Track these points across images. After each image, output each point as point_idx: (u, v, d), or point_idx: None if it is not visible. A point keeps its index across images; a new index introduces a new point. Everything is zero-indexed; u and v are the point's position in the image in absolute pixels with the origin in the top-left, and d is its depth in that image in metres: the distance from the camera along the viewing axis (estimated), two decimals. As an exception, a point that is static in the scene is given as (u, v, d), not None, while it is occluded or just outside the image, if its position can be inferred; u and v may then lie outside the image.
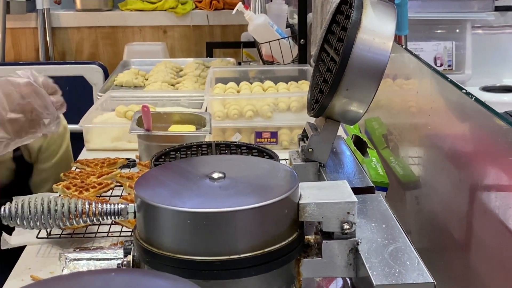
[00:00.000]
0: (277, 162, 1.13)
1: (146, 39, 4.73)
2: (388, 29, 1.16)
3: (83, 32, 4.73)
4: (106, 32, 4.74)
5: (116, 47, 4.73)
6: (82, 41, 4.74)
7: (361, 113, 1.20)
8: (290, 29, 3.29)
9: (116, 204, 0.97)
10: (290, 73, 2.83)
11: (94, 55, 4.74)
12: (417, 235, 1.45)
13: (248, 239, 0.90)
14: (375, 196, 1.13)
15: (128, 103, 2.60)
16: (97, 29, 4.73)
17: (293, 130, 2.33)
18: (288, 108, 2.35)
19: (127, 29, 4.74)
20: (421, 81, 1.43)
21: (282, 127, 2.31)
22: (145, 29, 4.74)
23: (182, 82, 3.12)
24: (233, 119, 2.29)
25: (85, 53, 4.74)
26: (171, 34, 4.75)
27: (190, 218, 0.87)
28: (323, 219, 0.95)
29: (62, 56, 4.72)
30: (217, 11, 4.72)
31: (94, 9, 4.74)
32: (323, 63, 1.35)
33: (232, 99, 2.37)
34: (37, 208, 0.94)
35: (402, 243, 0.97)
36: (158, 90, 2.94)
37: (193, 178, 0.98)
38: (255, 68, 3.01)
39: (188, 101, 2.68)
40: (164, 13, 4.71)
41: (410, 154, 1.53)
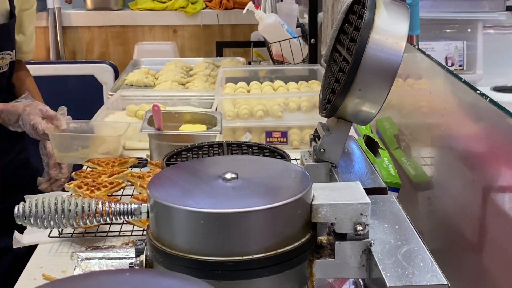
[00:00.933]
0: (289, 162, 1.13)
1: (156, 38, 4.73)
2: (401, 29, 1.16)
3: (93, 31, 4.74)
4: (116, 32, 4.75)
5: (126, 46, 4.73)
6: (93, 40, 4.75)
7: (374, 113, 1.20)
8: (300, 28, 3.28)
9: (129, 204, 0.97)
10: (300, 72, 2.83)
11: (104, 54, 4.74)
12: (430, 236, 1.44)
13: (261, 239, 0.90)
14: (387, 197, 1.13)
15: (139, 102, 2.61)
16: (107, 29, 4.74)
17: (303, 130, 2.32)
18: (299, 107, 2.35)
19: (137, 28, 4.75)
20: (434, 81, 1.42)
21: (292, 127, 2.31)
22: (155, 28, 4.75)
23: (192, 81, 3.12)
24: (243, 118, 2.29)
25: (96, 52, 4.75)
26: (181, 34, 4.76)
27: (204, 218, 0.87)
28: (336, 220, 0.95)
29: (72, 55, 4.73)
30: (227, 11, 4.72)
31: (104, 8, 4.75)
32: (335, 63, 1.34)
33: (243, 98, 2.37)
34: (51, 207, 0.94)
35: (416, 244, 0.96)
36: (168, 90, 2.94)
37: (206, 179, 0.98)
38: (265, 67, 3.01)
39: (198, 100, 2.68)
40: (174, 12, 4.72)
41: (422, 155, 1.52)
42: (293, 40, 2.97)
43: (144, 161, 2.08)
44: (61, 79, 4.07)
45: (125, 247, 1.51)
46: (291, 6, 3.32)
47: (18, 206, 0.94)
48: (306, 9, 3.08)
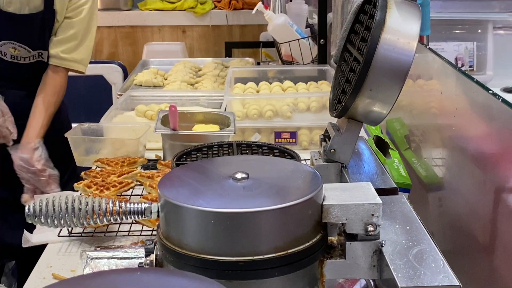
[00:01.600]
0: (300, 163, 1.13)
1: (165, 39, 4.74)
2: (413, 29, 1.15)
3: (102, 32, 4.75)
4: (125, 32, 4.76)
5: (135, 46, 4.74)
6: (102, 41, 4.75)
7: (385, 113, 1.19)
8: (309, 29, 3.28)
9: (140, 204, 0.97)
10: (310, 73, 2.82)
11: (113, 55, 4.75)
12: (440, 237, 1.43)
13: (271, 240, 0.89)
14: (398, 197, 1.12)
15: (148, 102, 2.61)
16: (116, 29, 4.75)
17: (312, 131, 2.32)
18: (308, 108, 2.34)
19: (146, 28, 4.76)
20: (446, 82, 1.41)
21: (301, 127, 2.31)
22: (164, 28, 4.75)
23: (201, 81, 3.12)
24: (252, 119, 2.29)
25: (105, 52, 4.76)
26: (190, 34, 4.76)
27: (214, 218, 0.87)
28: (347, 220, 0.94)
29: (82, 56, 4.74)
30: (236, 11, 4.72)
31: (114, 9, 4.76)
32: (346, 63, 1.34)
33: (252, 99, 2.37)
34: (61, 206, 0.94)
35: (427, 245, 0.96)
36: (177, 90, 2.94)
37: (216, 178, 0.98)
38: (275, 68, 3.01)
39: (207, 100, 2.68)
40: (183, 13, 4.72)
41: (433, 155, 1.52)
42: (303, 40, 2.96)
43: (154, 162, 2.08)
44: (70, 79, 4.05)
45: (135, 246, 1.51)
46: (301, 6, 3.32)
47: (29, 205, 0.94)
48: (316, 10, 3.08)
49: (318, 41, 2.88)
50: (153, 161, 2.11)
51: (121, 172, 1.87)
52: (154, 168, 2.02)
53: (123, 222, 1.61)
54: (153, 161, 2.09)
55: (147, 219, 1.51)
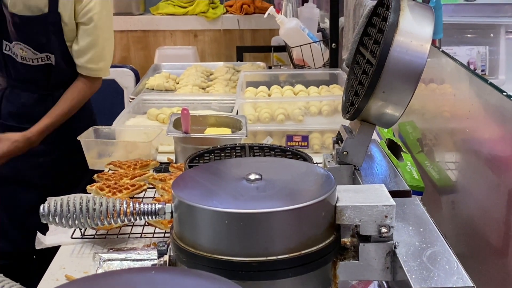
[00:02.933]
0: (313, 164, 1.13)
1: (177, 43, 4.75)
2: (426, 31, 1.15)
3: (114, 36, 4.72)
4: (137, 36, 4.77)
5: (147, 51, 4.75)
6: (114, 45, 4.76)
7: (397, 116, 1.19)
8: (321, 33, 3.28)
9: (154, 204, 0.97)
10: (321, 77, 2.82)
11: (125, 59, 4.76)
12: (453, 240, 1.43)
13: (285, 240, 0.89)
14: (411, 199, 1.12)
15: (160, 106, 2.62)
16: (128, 33, 4.77)
17: (324, 134, 2.32)
18: (320, 112, 2.34)
19: (158, 33, 4.77)
20: (459, 84, 1.41)
21: (313, 131, 2.31)
22: (176, 33, 4.77)
23: (212, 85, 3.13)
24: (264, 122, 2.29)
25: (117, 56, 4.77)
26: (201, 38, 4.77)
27: (228, 218, 0.87)
28: (361, 222, 0.94)
29: (94, 60, 4.75)
30: (247, 16, 4.73)
31: (126, 13, 4.77)
32: (358, 65, 1.34)
33: (264, 102, 2.37)
34: (76, 206, 0.94)
35: (441, 246, 0.96)
36: (189, 94, 2.95)
37: (229, 179, 0.98)
38: (286, 72, 3.01)
39: (219, 104, 2.68)
40: (195, 17, 4.73)
41: (446, 158, 1.51)
42: (314, 44, 2.96)
43: (166, 164, 2.09)
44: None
45: (147, 249, 1.51)
46: (312, 10, 3.32)
47: (43, 205, 0.94)
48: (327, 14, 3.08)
49: (329, 45, 2.88)
50: (165, 164, 2.11)
51: (133, 175, 1.87)
52: (166, 171, 2.02)
53: (136, 224, 1.62)
54: (165, 164, 2.10)
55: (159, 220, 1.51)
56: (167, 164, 2.09)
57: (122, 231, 1.60)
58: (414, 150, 1.70)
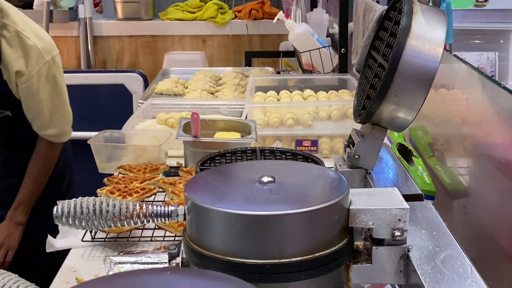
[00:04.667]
0: (325, 167, 1.13)
1: (186, 48, 4.76)
2: (439, 35, 1.15)
3: (124, 41, 4.78)
4: (146, 41, 4.79)
5: (156, 56, 4.77)
6: (123, 50, 4.79)
7: (410, 120, 1.19)
8: (330, 38, 3.28)
9: (166, 206, 0.97)
10: (330, 82, 2.83)
11: (134, 64, 4.78)
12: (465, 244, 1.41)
13: (298, 243, 0.89)
14: (424, 203, 1.12)
15: (169, 110, 2.62)
16: (137, 38, 4.78)
17: (333, 139, 2.31)
18: (329, 116, 2.34)
19: (167, 38, 4.78)
20: (472, 88, 1.41)
21: (322, 135, 2.31)
22: (184, 38, 4.78)
23: (221, 90, 3.13)
24: (273, 127, 2.29)
25: (126, 61, 4.79)
26: (210, 44, 4.78)
27: (241, 220, 0.87)
28: (374, 225, 0.94)
29: (103, 65, 4.78)
30: (256, 21, 4.73)
31: (135, 18, 4.79)
32: (370, 69, 1.34)
33: (273, 107, 2.37)
34: (89, 208, 0.95)
35: (454, 250, 0.95)
36: (198, 98, 2.95)
37: (242, 182, 0.98)
38: (295, 77, 3.01)
39: (227, 109, 2.69)
40: (203, 22, 4.74)
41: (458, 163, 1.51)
42: (323, 49, 2.97)
43: (176, 169, 2.09)
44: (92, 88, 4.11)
45: (157, 252, 1.52)
46: (322, 15, 3.33)
47: (56, 207, 0.94)
48: (336, 19, 3.08)
49: (339, 50, 2.88)
50: (175, 168, 2.11)
51: (143, 179, 1.88)
52: (176, 175, 2.02)
53: (146, 227, 1.62)
54: (175, 168, 2.10)
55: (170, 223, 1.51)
56: (176, 168, 2.09)
57: (133, 234, 1.60)
58: (425, 155, 1.69)
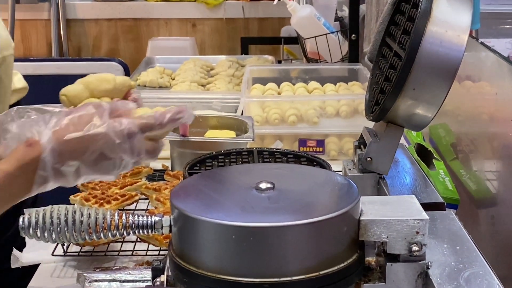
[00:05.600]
0: (332, 172, 1.13)
1: (173, 34, 4.76)
2: (463, 20, 1.15)
3: (101, 25, 4.79)
4: (127, 25, 4.79)
5: (138, 42, 4.77)
6: (100, 35, 4.79)
7: (430, 117, 1.19)
8: (339, 22, 3.28)
9: (149, 216, 0.97)
10: (339, 73, 2.83)
11: (113, 51, 4.78)
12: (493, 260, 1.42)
13: (301, 259, 0.89)
14: (446, 213, 1.13)
15: (153, 105, 2.61)
16: (117, 22, 4.78)
17: (342, 139, 2.32)
18: (337, 113, 2.34)
19: (151, 22, 4.78)
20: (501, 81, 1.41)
21: (329, 134, 2.31)
22: (171, 22, 4.78)
23: (213, 82, 3.14)
24: (273, 124, 2.29)
25: (104, 48, 4.79)
26: (201, 28, 4.78)
27: (236, 233, 0.87)
28: (388, 239, 0.94)
29: (77, 52, 4.78)
30: (253, 2, 4.73)
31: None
32: (385, 59, 1.34)
33: (273, 101, 2.37)
34: (60, 218, 0.94)
35: (480, 267, 0.96)
36: (186, 91, 2.95)
37: (237, 188, 0.98)
38: (298, 67, 3.02)
39: (221, 103, 2.68)
40: (193, 4, 4.74)
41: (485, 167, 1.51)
42: (331, 35, 2.97)
43: (161, 172, 2.09)
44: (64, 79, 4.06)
45: (139, 268, 1.51)
46: (329, -3, 3.33)
47: (23, 217, 0.94)
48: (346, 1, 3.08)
49: (348, 36, 2.88)
50: (160, 171, 2.11)
51: (123, 184, 1.87)
52: (161, 179, 2.02)
53: (126, 240, 1.62)
54: (160, 172, 2.10)
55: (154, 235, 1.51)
56: (162, 171, 2.09)
57: (111, 248, 1.60)
58: (448, 157, 1.70)
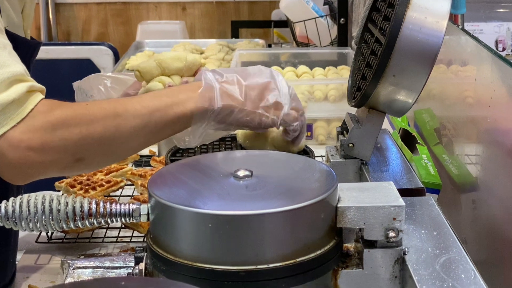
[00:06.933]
0: (312, 159, 1.13)
1: (162, 17, 4.75)
2: (443, 6, 1.16)
3: (90, 9, 4.77)
4: (117, 9, 4.77)
5: (128, 26, 4.75)
6: (90, 19, 4.77)
7: (410, 103, 1.20)
8: (328, 6, 3.28)
9: (127, 204, 0.98)
10: (328, 57, 2.83)
11: (103, 35, 4.77)
12: (474, 244, 1.43)
13: (278, 246, 0.90)
14: (425, 198, 1.13)
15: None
16: (106, 6, 4.77)
17: (330, 123, 2.32)
18: (326, 97, 2.34)
19: (140, 5, 4.77)
20: (480, 67, 1.41)
21: (318, 119, 2.31)
22: (161, 5, 4.77)
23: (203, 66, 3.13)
24: (261, 109, 2.29)
25: (93, 32, 4.78)
26: (191, 11, 4.77)
27: (212, 221, 0.88)
28: (365, 225, 0.95)
29: (66, 36, 4.76)
30: (244, -15, 4.73)
31: (103, -18, 4.78)
32: (367, 45, 1.34)
33: (261, 86, 2.37)
34: (37, 207, 0.95)
35: (457, 253, 0.96)
36: (175, 76, 2.95)
37: (215, 176, 0.99)
38: (288, 51, 3.01)
39: (210, 88, 2.68)
40: (183, -13, 4.74)
41: (466, 151, 1.52)
42: (320, 19, 2.96)
43: (147, 158, 2.09)
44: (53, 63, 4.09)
45: (123, 255, 1.52)
46: (318, -20, 3.32)
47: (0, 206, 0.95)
48: (335, -16, 3.08)
49: (337, 20, 2.88)
50: (146, 157, 2.11)
51: (109, 170, 1.88)
52: (147, 165, 2.03)
53: (111, 227, 1.62)
54: (146, 157, 2.10)
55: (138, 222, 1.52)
56: (148, 157, 2.10)
57: (95, 235, 1.60)
58: (431, 142, 1.70)
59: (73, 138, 1.15)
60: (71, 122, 1.15)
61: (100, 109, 1.18)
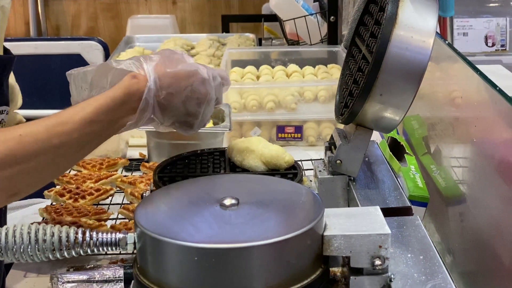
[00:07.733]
0: (298, 184, 1.13)
1: (153, 12, 4.73)
2: (429, 25, 1.15)
3: (80, 3, 4.75)
4: (106, 3, 4.75)
5: (118, 20, 4.74)
6: (79, 14, 4.75)
7: (398, 120, 1.20)
8: (318, 3, 3.27)
9: (114, 233, 0.97)
10: (318, 55, 2.82)
11: (93, 30, 4.75)
12: (462, 257, 1.44)
13: (265, 278, 0.90)
14: (412, 219, 1.13)
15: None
16: (96, 0, 4.74)
17: (321, 124, 2.32)
18: (316, 98, 2.34)
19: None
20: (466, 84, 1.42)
21: (308, 120, 2.31)
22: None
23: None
24: (251, 111, 2.29)
25: (83, 27, 4.76)
26: (181, 6, 4.75)
27: (198, 254, 0.88)
28: (352, 253, 0.95)
29: (56, 31, 4.74)
30: (234, -21, 4.72)
31: (93, -24, 4.76)
32: (354, 59, 1.34)
33: (251, 88, 2.37)
34: (23, 237, 0.94)
35: (442, 279, 0.96)
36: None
37: (201, 205, 0.98)
38: (278, 49, 3.00)
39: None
40: (173, -20, 4.72)
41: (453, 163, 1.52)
42: (310, 17, 2.95)
43: (137, 162, 2.08)
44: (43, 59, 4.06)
45: (113, 267, 1.51)
46: (308, -24, 3.31)
47: (-15, 237, 0.94)
48: (325, -19, 3.07)
49: (328, 18, 2.87)
50: (137, 160, 2.11)
51: (98, 177, 1.87)
52: (137, 169, 2.02)
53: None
54: (137, 161, 2.10)
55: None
56: (138, 161, 2.09)
57: (85, 246, 1.60)
58: (419, 152, 1.70)
59: (7, 177, 1.12)
60: (4, 161, 1.11)
61: (35, 141, 1.14)
